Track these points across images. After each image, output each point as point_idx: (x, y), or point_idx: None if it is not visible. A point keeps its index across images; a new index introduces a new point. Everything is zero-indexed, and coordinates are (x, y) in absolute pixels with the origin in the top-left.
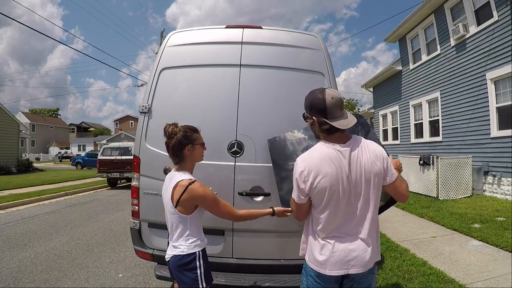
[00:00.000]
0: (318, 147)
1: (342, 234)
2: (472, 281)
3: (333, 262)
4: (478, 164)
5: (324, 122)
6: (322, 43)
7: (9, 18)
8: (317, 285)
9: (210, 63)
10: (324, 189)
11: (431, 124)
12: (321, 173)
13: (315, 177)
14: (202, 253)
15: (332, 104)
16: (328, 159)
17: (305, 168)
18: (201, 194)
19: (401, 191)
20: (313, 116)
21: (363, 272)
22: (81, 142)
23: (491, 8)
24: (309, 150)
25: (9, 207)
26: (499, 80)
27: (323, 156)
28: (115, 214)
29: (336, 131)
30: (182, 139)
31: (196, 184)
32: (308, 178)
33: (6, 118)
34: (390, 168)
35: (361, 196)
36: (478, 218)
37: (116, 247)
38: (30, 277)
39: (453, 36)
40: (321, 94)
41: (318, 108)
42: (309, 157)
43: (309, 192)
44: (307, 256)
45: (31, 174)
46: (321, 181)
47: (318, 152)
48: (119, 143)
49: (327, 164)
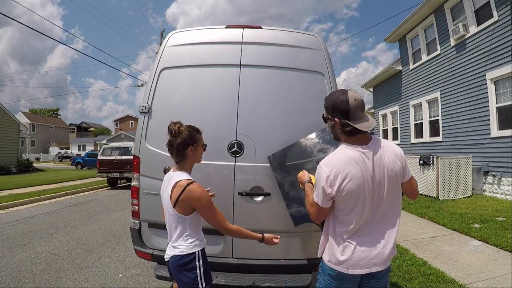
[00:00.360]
0: (342, 150)
1: (364, 233)
2: (472, 281)
3: (355, 262)
4: (478, 164)
5: (347, 124)
6: (322, 43)
7: (9, 18)
8: (336, 284)
9: (210, 63)
10: (351, 192)
11: (431, 124)
12: (347, 176)
13: (342, 181)
14: (201, 253)
15: (355, 106)
16: (353, 161)
17: (330, 173)
18: (197, 196)
19: (415, 188)
20: (335, 117)
21: (384, 269)
22: (81, 142)
23: (491, 8)
24: (332, 154)
25: (9, 207)
26: (499, 80)
27: (348, 158)
28: (115, 214)
29: (358, 133)
30: (187, 138)
31: (195, 185)
32: (335, 183)
33: (6, 118)
34: (407, 166)
35: (384, 195)
36: (478, 218)
37: (116, 247)
38: (30, 277)
39: (453, 36)
40: (344, 96)
41: (341, 109)
42: (333, 160)
43: (335, 196)
44: (326, 256)
45: (31, 174)
46: (347, 184)
47: (343, 155)
48: (119, 143)
49: (353, 166)
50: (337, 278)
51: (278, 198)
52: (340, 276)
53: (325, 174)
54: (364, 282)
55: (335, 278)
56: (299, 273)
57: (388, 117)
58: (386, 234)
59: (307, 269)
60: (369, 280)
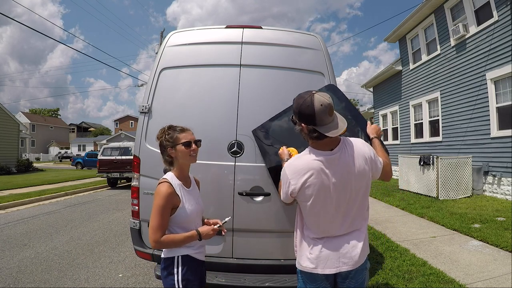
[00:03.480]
0: (305, 155)
1: (331, 233)
2: (472, 281)
3: (323, 261)
4: (478, 164)
5: (313, 130)
6: (322, 43)
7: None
8: (310, 285)
9: (210, 63)
10: (309, 197)
11: (431, 124)
12: (309, 183)
13: (303, 186)
14: (182, 259)
15: (321, 111)
16: (315, 169)
17: (292, 177)
18: (155, 194)
19: (387, 172)
20: (301, 123)
21: (355, 269)
22: (81, 142)
23: (491, 8)
24: (297, 157)
25: (9, 207)
26: (499, 80)
27: (310, 165)
28: (115, 214)
29: (325, 137)
30: (163, 141)
31: (164, 185)
32: (296, 189)
33: (6, 118)
34: (377, 161)
35: (349, 199)
36: (478, 218)
37: (116, 247)
38: (30, 277)
39: (453, 36)
40: (309, 100)
41: (307, 114)
42: (296, 165)
43: (298, 198)
44: (297, 257)
45: (31, 174)
46: (309, 191)
47: (306, 161)
48: (119, 143)
49: (314, 175)
50: (311, 279)
51: (278, 198)
52: (313, 276)
53: (288, 178)
54: (339, 281)
55: (309, 279)
56: None
57: (388, 117)
58: (357, 234)
59: None
60: (343, 280)
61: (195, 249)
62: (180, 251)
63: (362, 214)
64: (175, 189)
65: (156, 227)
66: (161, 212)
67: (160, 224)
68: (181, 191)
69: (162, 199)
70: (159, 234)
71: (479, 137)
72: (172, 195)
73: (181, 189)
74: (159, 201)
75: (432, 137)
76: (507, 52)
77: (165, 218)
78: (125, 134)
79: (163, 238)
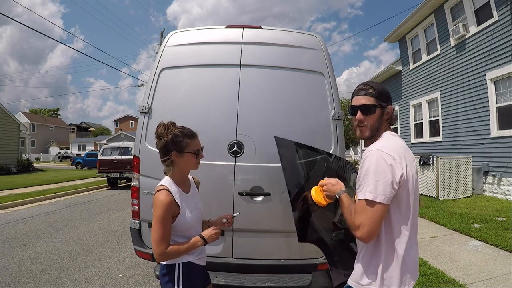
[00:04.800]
0: (390, 137)
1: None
2: (472, 281)
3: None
4: (478, 164)
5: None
6: (322, 43)
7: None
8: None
9: (210, 63)
10: (411, 183)
11: (431, 124)
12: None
13: (405, 169)
14: (184, 267)
15: None
16: (406, 148)
17: (398, 156)
18: (155, 203)
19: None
20: (389, 104)
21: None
22: (81, 142)
23: (491, 8)
24: (383, 140)
25: (9, 207)
26: (499, 80)
27: (402, 144)
28: (115, 214)
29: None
30: (169, 143)
31: (162, 193)
32: (402, 168)
33: (6, 118)
34: None
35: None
36: (478, 218)
37: (116, 247)
38: (30, 277)
39: (453, 36)
40: None
41: (390, 97)
42: (390, 145)
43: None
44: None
45: (31, 174)
46: (409, 173)
47: (396, 140)
48: (119, 143)
49: (408, 153)
50: None
51: (278, 198)
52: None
53: (390, 157)
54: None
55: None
56: (299, 273)
57: None
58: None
59: (307, 269)
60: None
61: (196, 255)
62: (181, 258)
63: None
64: (174, 197)
65: (159, 239)
66: (162, 223)
67: (163, 235)
68: (180, 198)
69: (162, 210)
70: (163, 246)
71: (479, 137)
72: (171, 204)
73: (180, 196)
74: (159, 211)
75: (432, 137)
76: (507, 52)
77: (167, 228)
78: (125, 134)
79: (168, 250)
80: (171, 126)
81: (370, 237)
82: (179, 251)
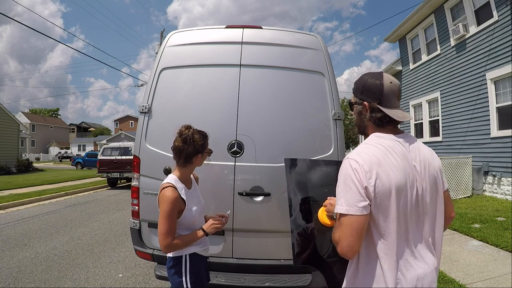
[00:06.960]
0: (373, 139)
1: (410, 255)
2: (472, 281)
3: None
4: (478, 164)
5: (377, 109)
6: (322, 43)
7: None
8: None
9: (210, 63)
10: (388, 191)
11: (431, 124)
12: (384, 169)
13: (377, 175)
14: (190, 258)
15: (390, 90)
16: (391, 151)
17: (364, 163)
18: (162, 199)
19: (451, 208)
20: (364, 100)
21: None
22: (81, 142)
23: (491, 8)
24: (361, 145)
25: (9, 207)
26: (499, 80)
27: (385, 148)
28: (115, 214)
29: (389, 123)
30: (199, 147)
31: (169, 189)
32: (371, 175)
33: (6, 118)
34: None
35: (428, 199)
36: (478, 218)
37: (116, 247)
38: (30, 277)
39: (453, 36)
40: (378, 77)
41: (373, 90)
42: (365, 150)
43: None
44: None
45: (31, 174)
46: (384, 180)
47: (377, 144)
48: (119, 143)
49: (392, 157)
50: None
51: (278, 198)
52: None
53: (356, 164)
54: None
55: None
56: (299, 273)
57: None
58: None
59: (307, 269)
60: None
61: (202, 246)
62: (188, 249)
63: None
64: (180, 193)
65: (165, 233)
66: (169, 217)
67: (169, 228)
68: (185, 194)
69: (169, 205)
70: (169, 239)
71: (479, 137)
72: (178, 199)
73: (185, 192)
74: (166, 206)
75: (432, 137)
76: (507, 52)
77: (173, 222)
78: (125, 134)
79: (174, 242)
80: (192, 129)
81: (350, 252)
82: (184, 242)
